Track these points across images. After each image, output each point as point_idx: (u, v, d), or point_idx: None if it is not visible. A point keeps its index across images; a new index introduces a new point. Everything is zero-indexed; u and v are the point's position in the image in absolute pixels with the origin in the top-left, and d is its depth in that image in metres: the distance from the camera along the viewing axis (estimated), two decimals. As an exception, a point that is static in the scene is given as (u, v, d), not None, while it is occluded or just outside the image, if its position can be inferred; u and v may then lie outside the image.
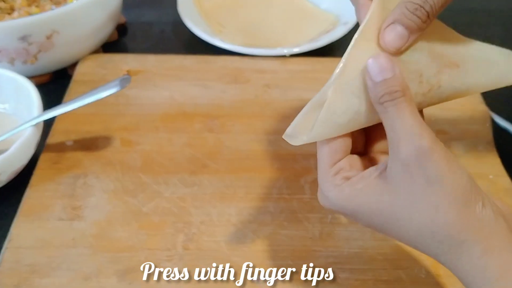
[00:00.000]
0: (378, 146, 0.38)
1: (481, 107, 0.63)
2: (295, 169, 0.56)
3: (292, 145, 0.37)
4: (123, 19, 0.78)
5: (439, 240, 0.32)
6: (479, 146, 0.59)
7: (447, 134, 0.60)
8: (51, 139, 0.58)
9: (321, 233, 0.49)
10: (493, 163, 0.57)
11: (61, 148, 0.57)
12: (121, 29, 0.78)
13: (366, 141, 0.39)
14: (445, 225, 0.31)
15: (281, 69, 0.69)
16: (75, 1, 0.68)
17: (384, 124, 0.33)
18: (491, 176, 0.55)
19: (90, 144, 0.58)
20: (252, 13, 0.81)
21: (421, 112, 0.38)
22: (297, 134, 0.36)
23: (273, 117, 0.62)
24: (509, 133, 0.61)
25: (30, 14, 0.65)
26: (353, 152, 0.37)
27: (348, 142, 0.36)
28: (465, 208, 0.31)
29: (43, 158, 0.56)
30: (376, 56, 0.33)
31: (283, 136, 0.36)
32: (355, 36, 0.34)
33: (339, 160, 0.35)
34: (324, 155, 0.36)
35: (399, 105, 0.32)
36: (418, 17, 0.33)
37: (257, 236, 0.49)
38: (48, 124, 0.58)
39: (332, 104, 0.34)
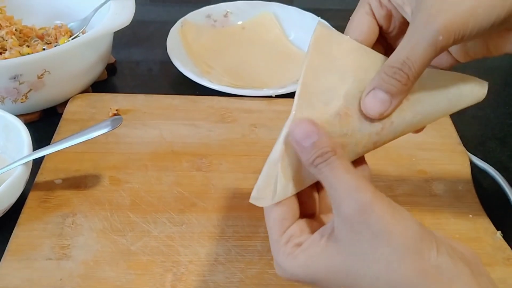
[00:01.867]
0: (326, 205, 0.38)
1: (459, 148, 0.66)
2: (281, 208, 0.57)
3: None
4: (112, 59, 0.80)
5: None
6: (459, 186, 0.61)
7: (427, 174, 0.62)
8: (40, 178, 0.58)
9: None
10: (472, 202, 0.59)
11: (50, 186, 0.58)
12: (111, 68, 0.80)
13: (316, 201, 0.39)
14: (400, 278, 0.30)
15: (267, 109, 0.71)
16: (66, 42, 0.69)
17: (324, 185, 0.32)
18: (470, 215, 0.57)
19: (79, 183, 0.58)
20: (238, 55, 0.84)
21: (362, 158, 0.38)
22: (262, 195, 0.35)
23: (259, 155, 0.63)
24: (486, 173, 0.63)
25: (21, 54, 0.67)
26: (304, 214, 0.37)
27: (295, 207, 0.36)
28: (417, 258, 0.30)
29: (32, 196, 0.56)
30: (297, 122, 0.33)
31: (249, 200, 0.35)
32: (297, 92, 0.35)
33: (289, 226, 0.35)
34: (273, 224, 0.35)
35: (332, 164, 0.31)
36: (398, 80, 0.33)
37: (245, 276, 0.50)
38: (37, 163, 0.59)
39: (284, 162, 0.35)
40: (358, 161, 0.38)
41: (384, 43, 0.41)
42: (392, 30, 0.40)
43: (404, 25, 0.38)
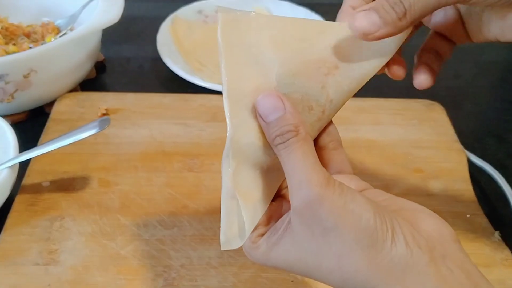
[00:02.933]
0: None
1: (456, 146, 0.65)
2: (275, 209, 0.55)
3: None
4: (101, 57, 0.78)
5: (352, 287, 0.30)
6: (456, 185, 0.60)
7: (423, 172, 0.61)
8: (27, 180, 0.57)
9: (303, 276, 0.49)
10: (470, 202, 0.58)
11: (37, 189, 0.56)
12: (100, 66, 0.78)
13: None
14: (351, 272, 0.29)
15: (260, 107, 0.69)
16: (53, 40, 0.68)
17: (283, 170, 0.31)
18: (468, 215, 0.56)
19: (67, 185, 0.57)
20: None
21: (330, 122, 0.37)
22: (230, 237, 0.34)
23: (252, 155, 0.62)
24: (484, 171, 0.62)
25: (7, 52, 0.65)
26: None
27: None
28: (369, 250, 0.29)
29: (19, 200, 0.55)
30: (265, 94, 0.32)
31: (221, 248, 0.34)
32: (225, 102, 0.32)
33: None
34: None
35: (290, 147, 0.31)
36: (396, 12, 0.32)
37: (238, 280, 0.48)
38: (24, 164, 0.57)
39: (239, 182, 0.32)
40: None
41: None
42: None
43: None
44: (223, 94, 0.32)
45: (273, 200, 0.35)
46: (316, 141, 0.36)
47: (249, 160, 0.33)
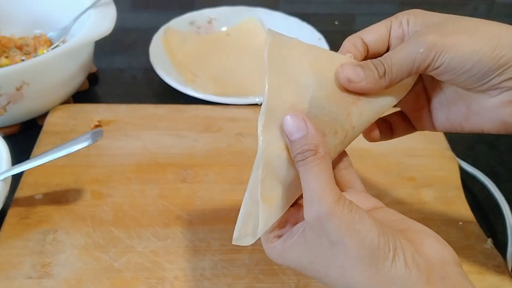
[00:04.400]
0: None
1: (448, 154, 0.65)
2: (269, 219, 0.55)
3: None
4: (94, 69, 0.78)
5: None
6: (448, 193, 0.60)
7: (415, 181, 0.61)
8: (20, 193, 0.57)
9: (297, 285, 0.49)
10: (462, 209, 0.58)
11: (30, 202, 0.56)
12: (92, 78, 0.78)
13: None
14: (354, 284, 0.32)
15: (253, 117, 0.69)
16: (45, 52, 0.68)
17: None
18: (460, 223, 0.56)
19: (60, 198, 0.57)
20: (223, 62, 0.83)
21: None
22: (244, 234, 0.36)
23: (246, 165, 0.62)
24: (476, 179, 0.63)
25: (-1, 65, 0.65)
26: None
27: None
28: (371, 268, 0.31)
29: (11, 213, 0.54)
30: (291, 114, 0.35)
31: (232, 242, 0.36)
32: (263, 115, 0.35)
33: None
34: None
35: (308, 164, 0.33)
36: (377, 70, 0.37)
37: (232, 291, 0.48)
38: (17, 177, 0.57)
39: (266, 185, 0.35)
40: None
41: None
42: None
43: None
44: (262, 108, 0.35)
45: (291, 206, 0.38)
46: None
47: (276, 171, 0.35)
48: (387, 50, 0.41)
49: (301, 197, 0.38)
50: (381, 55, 0.39)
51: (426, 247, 0.33)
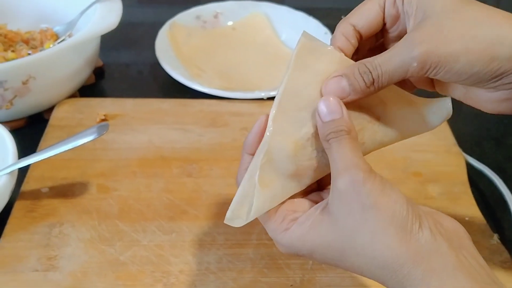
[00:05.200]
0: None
1: (455, 149, 0.65)
2: (274, 214, 0.55)
3: None
4: (100, 63, 0.78)
5: (380, 265, 0.33)
6: (454, 188, 0.60)
7: (421, 176, 0.61)
8: (26, 186, 0.57)
9: (302, 280, 0.49)
10: (469, 205, 0.58)
11: (36, 195, 0.56)
12: (99, 72, 0.78)
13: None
14: (383, 249, 0.32)
15: (258, 112, 0.69)
16: (52, 46, 0.68)
17: (329, 159, 0.35)
18: (466, 218, 0.56)
19: (66, 191, 0.57)
20: (229, 56, 0.82)
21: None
22: (236, 217, 0.36)
23: (251, 160, 0.62)
24: (482, 174, 0.62)
25: (6, 59, 0.65)
26: (307, 190, 0.39)
27: None
28: (400, 231, 0.32)
29: (18, 206, 0.55)
30: (326, 98, 0.35)
31: (224, 221, 0.36)
32: (276, 106, 0.35)
33: (280, 206, 0.37)
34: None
35: (341, 141, 0.34)
36: (364, 80, 0.35)
37: (237, 285, 0.48)
38: (23, 171, 0.57)
39: (264, 175, 0.35)
40: None
41: (380, 37, 0.41)
42: (393, 32, 0.40)
43: (404, 33, 0.38)
44: (275, 99, 0.35)
45: (297, 197, 0.38)
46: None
47: (275, 162, 0.36)
48: (382, 28, 0.39)
49: (301, 192, 0.38)
50: (374, 37, 0.38)
51: (443, 222, 0.34)
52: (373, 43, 0.41)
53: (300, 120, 0.36)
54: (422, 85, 0.42)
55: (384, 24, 0.40)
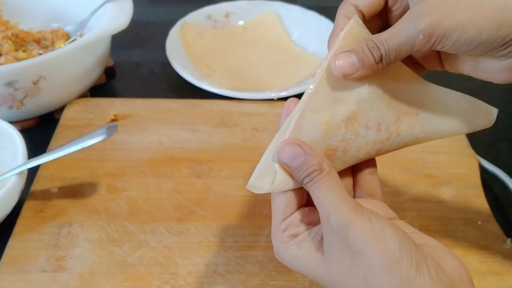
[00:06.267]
0: None
1: (468, 151, 0.64)
2: (283, 215, 0.55)
3: None
4: (111, 62, 0.78)
5: None
6: (467, 191, 0.59)
7: (434, 178, 0.60)
8: (36, 186, 0.57)
9: (311, 284, 0.49)
10: (481, 208, 0.57)
11: (45, 195, 0.56)
12: (109, 72, 0.78)
13: None
14: None
15: (269, 113, 0.69)
16: (63, 46, 0.68)
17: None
18: (479, 222, 0.55)
19: (76, 191, 0.57)
20: (240, 56, 0.82)
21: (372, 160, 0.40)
22: (260, 184, 0.36)
23: (261, 161, 0.61)
24: (496, 177, 0.61)
25: (17, 59, 0.65)
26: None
27: (301, 195, 0.37)
28: (394, 276, 0.31)
29: (27, 206, 0.55)
30: (283, 145, 0.34)
31: (246, 187, 0.36)
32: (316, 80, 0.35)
33: (290, 214, 0.37)
34: (276, 208, 0.37)
35: (317, 183, 0.33)
36: (373, 56, 0.34)
37: (245, 287, 0.48)
38: (33, 170, 0.57)
39: None
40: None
41: (385, 18, 0.41)
42: (396, 10, 0.40)
43: (407, 9, 0.37)
44: (315, 76, 0.36)
45: (306, 206, 0.37)
46: (357, 164, 0.40)
47: (305, 137, 0.35)
48: (385, 8, 0.39)
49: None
50: (380, 19, 0.38)
51: (446, 264, 0.33)
52: (380, 25, 0.41)
53: (337, 100, 0.36)
54: (431, 65, 0.41)
55: (387, 2, 0.39)
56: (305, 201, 0.38)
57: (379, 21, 0.41)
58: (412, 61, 0.42)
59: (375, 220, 0.32)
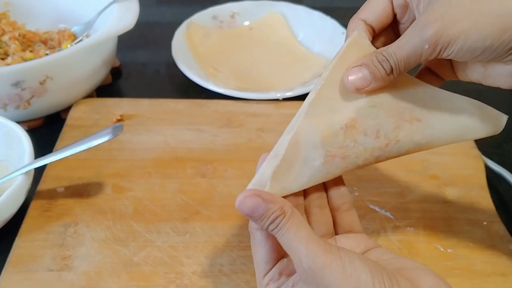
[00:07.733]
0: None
1: (474, 152, 0.63)
2: (288, 216, 0.55)
3: None
4: (117, 63, 0.79)
5: None
6: (473, 192, 0.59)
7: (439, 179, 0.60)
8: (42, 186, 0.57)
9: (314, 284, 0.49)
10: (487, 209, 0.57)
11: (52, 195, 0.57)
12: (116, 72, 0.78)
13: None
14: None
15: (274, 113, 0.69)
16: (69, 47, 0.68)
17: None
18: (485, 223, 0.55)
19: (82, 191, 0.57)
20: (245, 56, 0.82)
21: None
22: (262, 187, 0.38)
23: (266, 161, 0.62)
24: (502, 178, 0.61)
25: (24, 59, 0.66)
26: None
27: (279, 247, 0.37)
28: None
29: (34, 205, 0.55)
30: (241, 199, 0.35)
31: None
32: (315, 91, 0.37)
33: (270, 269, 0.37)
34: (258, 265, 0.38)
35: (283, 228, 0.34)
36: (383, 68, 0.36)
37: (250, 287, 0.48)
38: (40, 170, 0.58)
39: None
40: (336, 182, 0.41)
41: (397, 30, 0.42)
42: (405, 22, 0.41)
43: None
44: (315, 86, 0.37)
45: (284, 258, 0.38)
46: (330, 203, 0.41)
47: (302, 143, 0.37)
48: (395, 20, 0.40)
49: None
50: (390, 29, 0.39)
51: (422, 282, 0.33)
52: (393, 38, 0.41)
53: (336, 108, 0.37)
54: (447, 75, 0.42)
55: (395, 15, 0.40)
56: (284, 251, 0.38)
57: (392, 33, 0.42)
58: (430, 72, 0.43)
59: (344, 257, 0.33)
